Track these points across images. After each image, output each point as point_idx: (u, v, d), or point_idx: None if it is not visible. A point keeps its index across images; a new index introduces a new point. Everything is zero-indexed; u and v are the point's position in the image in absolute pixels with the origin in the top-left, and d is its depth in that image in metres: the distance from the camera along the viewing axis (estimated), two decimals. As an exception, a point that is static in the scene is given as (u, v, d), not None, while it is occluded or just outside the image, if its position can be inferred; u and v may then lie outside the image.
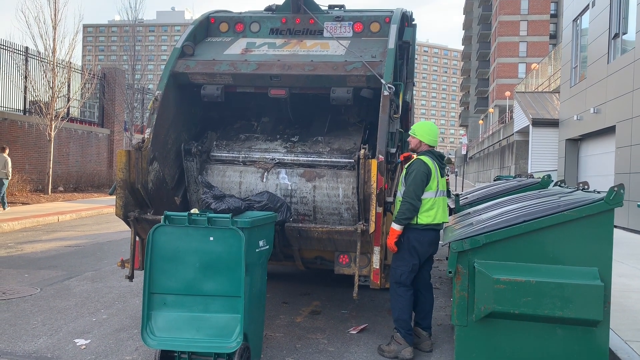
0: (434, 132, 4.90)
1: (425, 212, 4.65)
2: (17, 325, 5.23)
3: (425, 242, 4.70)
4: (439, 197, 4.73)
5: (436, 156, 4.81)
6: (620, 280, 7.15)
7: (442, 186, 4.77)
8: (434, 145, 4.88)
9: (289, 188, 5.59)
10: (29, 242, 10.21)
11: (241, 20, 6.33)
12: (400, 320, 4.66)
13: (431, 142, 4.86)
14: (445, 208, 4.81)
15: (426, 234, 4.69)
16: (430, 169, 4.66)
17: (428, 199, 4.66)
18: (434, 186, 4.68)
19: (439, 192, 4.72)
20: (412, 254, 4.69)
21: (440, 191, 4.73)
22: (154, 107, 5.41)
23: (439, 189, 4.71)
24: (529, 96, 30.55)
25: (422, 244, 4.69)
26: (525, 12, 68.52)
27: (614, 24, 16.32)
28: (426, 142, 4.85)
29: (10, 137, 18.07)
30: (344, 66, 5.39)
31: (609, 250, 3.77)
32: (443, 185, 4.78)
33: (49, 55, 18.63)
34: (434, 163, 4.72)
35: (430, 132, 4.87)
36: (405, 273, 4.70)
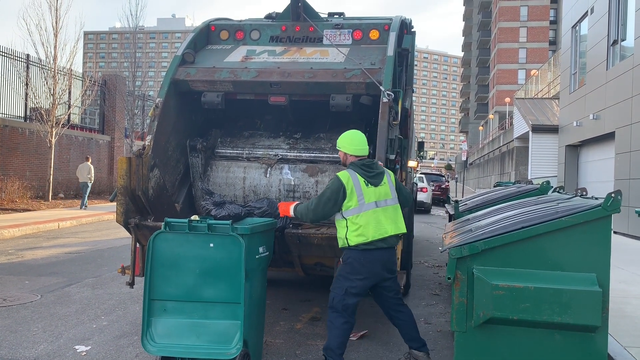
0: (356, 140, 4.42)
1: (354, 231, 4.21)
2: (18, 332, 5.24)
3: (362, 263, 4.23)
4: (368, 212, 4.22)
5: (360, 167, 4.33)
6: (620, 287, 7.16)
7: (374, 197, 4.27)
8: (360, 154, 4.41)
9: (292, 183, 5.71)
10: (29, 249, 10.22)
11: (241, 28, 6.38)
12: (329, 350, 4.22)
13: (355, 151, 4.40)
14: (381, 219, 4.26)
15: (362, 254, 4.23)
16: (344, 185, 4.20)
17: (351, 217, 4.22)
18: (355, 202, 4.20)
19: (365, 205, 4.22)
20: (348, 277, 4.25)
21: (367, 204, 4.23)
22: (155, 114, 5.45)
23: (365, 203, 4.22)
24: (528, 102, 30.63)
25: (363, 265, 4.23)
26: (525, 19, 68.76)
27: (612, 31, 16.39)
28: (350, 152, 4.42)
29: (11, 144, 18.11)
30: (344, 73, 5.44)
31: (607, 256, 3.79)
32: (376, 195, 4.29)
33: (50, 62, 18.70)
34: (353, 177, 4.25)
35: (351, 142, 4.42)
36: (337, 297, 4.25)
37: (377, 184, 4.31)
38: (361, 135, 4.47)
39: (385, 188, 4.36)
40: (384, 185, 4.35)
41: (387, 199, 4.34)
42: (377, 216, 4.25)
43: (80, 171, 18.62)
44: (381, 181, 4.35)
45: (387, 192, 4.36)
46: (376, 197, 4.28)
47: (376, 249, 4.22)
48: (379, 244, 4.23)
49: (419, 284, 7.98)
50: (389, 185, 4.39)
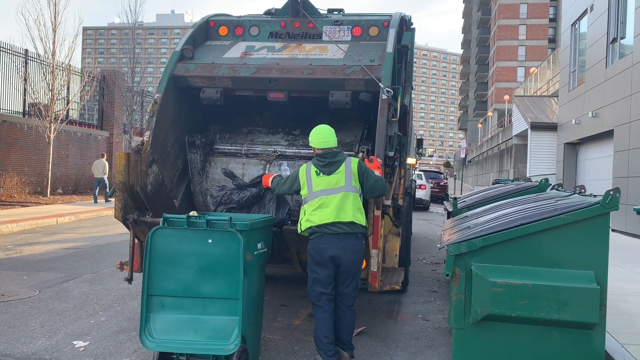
0: (318, 134, 4.56)
1: (304, 217, 4.43)
2: (16, 327, 5.24)
3: (318, 249, 4.32)
4: (315, 199, 4.37)
5: (316, 157, 4.51)
6: (617, 284, 7.18)
7: (322, 185, 4.38)
8: (323, 147, 4.51)
9: None
10: (27, 244, 10.22)
11: (240, 24, 6.36)
12: (316, 340, 4.36)
13: (318, 144, 4.53)
14: (331, 206, 4.34)
15: (316, 240, 4.35)
16: (298, 175, 4.52)
17: (306, 205, 4.44)
18: (305, 191, 4.45)
19: (313, 194, 4.39)
20: (311, 266, 4.40)
21: (315, 193, 4.38)
22: (153, 110, 5.44)
23: (313, 191, 4.39)
24: (527, 100, 30.63)
25: (317, 253, 4.33)
26: (524, 16, 68.70)
27: (612, 29, 16.39)
28: (314, 146, 4.57)
29: (9, 139, 18.09)
30: (343, 70, 5.43)
31: (605, 253, 3.80)
32: (325, 184, 4.39)
33: (49, 57, 18.66)
34: (307, 168, 4.49)
35: (314, 136, 4.57)
36: (309, 288, 4.42)
37: (329, 172, 4.41)
38: (324, 129, 4.57)
39: (338, 177, 4.40)
40: (337, 174, 4.41)
41: (339, 187, 4.38)
42: (323, 203, 4.35)
43: (95, 167, 19.09)
44: (335, 170, 4.42)
45: (340, 180, 4.40)
46: (324, 185, 4.38)
47: (324, 235, 4.30)
48: (325, 230, 4.30)
49: (417, 281, 7.99)
50: (344, 174, 4.41)
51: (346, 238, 4.32)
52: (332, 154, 4.48)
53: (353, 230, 4.33)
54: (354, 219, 4.35)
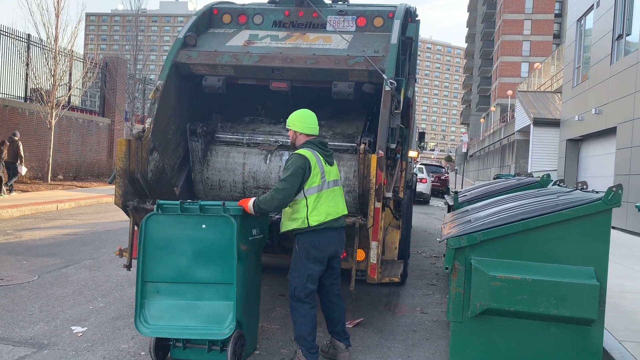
0: (307, 118, 4.35)
1: (313, 210, 4.13)
2: (14, 312, 5.24)
3: (322, 244, 4.16)
4: (327, 190, 4.21)
5: (317, 145, 4.29)
6: (616, 281, 7.18)
7: (332, 176, 4.28)
8: (312, 133, 4.33)
9: None
10: (27, 230, 10.22)
11: (244, 12, 6.32)
12: (300, 338, 4.18)
13: (306, 130, 4.32)
14: (337, 199, 4.30)
15: (321, 235, 4.16)
16: (309, 162, 4.13)
17: (312, 196, 4.14)
18: (318, 180, 4.15)
19: (327, 184, 4.21)
20: (306, 262, 4.16)
21: (327, 183, 4.22)
22: (155, 97, 5.42)
23: (326, 181, 4.21)
24: (531, 95, 30.54)
25: (319, 248, 4.15)
26: (530, 11, 68.33)
27: (618, 25, 16.29)
28: (301, 131, 4.32)
29: (10, 124, 18.05)
30: (346, 60, 5.39)
31: (605, 250, 3.79)
32: (333, 174, 4.31)
33: (51, 43, 18.58)
34: (314, 154, 4.19)
35: (301, 120, 4.33)
36: (299, 286, 4.16)
37: (332, 163, 4.37)
38: (312, 114, 4.41)
39: (336, 169, 4.44)
40: (335, 166, 4.41)
41: (338, 180, 4.39)
42: (335, 195, 4.29)
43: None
44: (334, 161, 4.42)
45: (337, 172, 4.44)
46: (332, 176, 4.30)
47: (331, 229, 4.20)
48: (333, 224, 4.22)
49: (416, 274, 8.00)
50: (337, 167, 4.49)
51: (341, 232, 4.33)
52: (327, 144, 4.47)
53: (345, 223, 4.42)
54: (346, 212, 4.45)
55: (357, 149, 5.51)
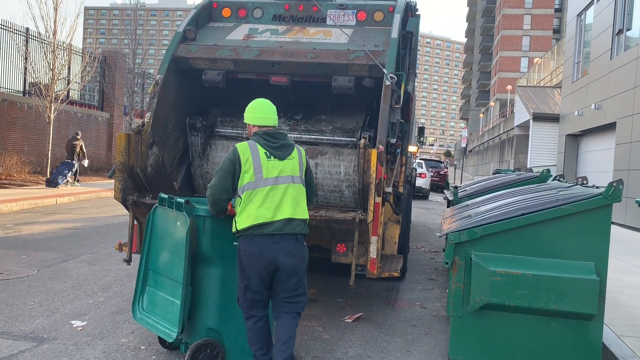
0: (257, 108, 3.79)
1: (242, 212, 3.55)
2: (14, 306, 5.24)
3: (251, 253, 3.52)
4: (264, 189, 3.54)
5: (262, 136, 3.67)
6: (615, 276, 7.18)
7: (276, 172, 3.58)
8: (262, 124, 3.73)
9: None
10: (26, 224, 10.21)
11: (244, 6, 6.29)
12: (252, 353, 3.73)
13: (255, 120, 3.75)
14: (279, 199, 3.57)
15: (250, 242, 3.52)
16: (239, 156, 3.58)
17: (244, 195, 3.56)
18: (249, 177, 3.55)
19: (263, 181, 3.55)
20: (242, 272, 3.62)
21: (265, 180, 3.55)
22: (155, 91, 5.40)
23: (263, 178, 3.56)
24: (530, 90, 30.48)
25: (249, 257, 3.54)
26: (530, 6, 68.17)
27: (618, 20, 16.25)
28: (251, 122, 3.79)
29: (9, 118, 18.01)
30: (347, 55, 5.38)
31: (605, 245, 3.79)
32: (280, 170, 3.60)
33: (50, 37, 18.50)
34: (252, 147, 3.61)
35: (252, 110, 3.80)
36: (240, 296, 3.68)
37: (282, 157, 3.63)
38: (264, 103, 3.84)
39: (293, 163, 3.65)
40: (291, 160, 3.65)
41: (294, 176, 3.64)
42: (276, 195, 3.56)
43: None
44: (289, 155, 3.66)
45: (295, 168, 3.65)
46: (278, 172, 3.58)
47: (262, 235, 3.51)
48: (264, 229, 3.52)
49: (415, 269, 8.00)
50: (298, 161, 3.68)
51: (285, 239, 3.55)
52: (282, 134, 3.74)
53: (293, 230, 3.58)
54: (300, 216, 3.63)
55: (357, 143, 5.50)
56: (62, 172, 16.52)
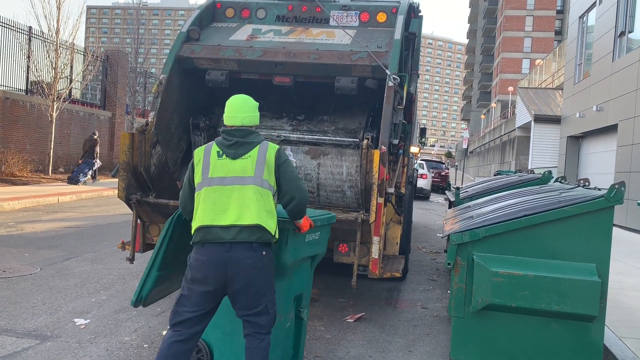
0: (227, 106, 3.44)
1: (195, 216, 3.26)
2: (18, 304, 5.26)
3: (197, 263, 3.17)
4: (208, 189, 3.22)
5: (222, 134, 3.37)
6: (616, 278, 7.20)
7: (223, 172, 3.22)
8: (229, 124, 3.37)
9: (294, 165, 5.67)
10: (29, 222, 10.24)
11: (247, 6, 6.32)
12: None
13: (225, 120, 3.40)
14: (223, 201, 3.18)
15: (200, 251, 3.18)
16: (194, 158, 3.35)
17: (196, 196, 3.28)
18: (199, 177, 3.27)
19: (207, 181, 3.23)
20: (185, 282, 3.24)
21: (210, 179, 3.22)
22: (159, 90, 5.43)
23: (209, 177, 3.23)
24: (532, 92, 30.49)
25: (196, 267, 3.17)
26: (532, 8, 68.18)
27: (620, 22, 16.26)
28: (224, 121, 3.44)
29: (11, 117, 18.04)
30: (350, 55, 5.40)
31: (607, 247, 3.81)
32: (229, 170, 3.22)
33: (53, 35, 18.54)
34: (209, 146, 3.35)
35: (226, 107, 3.46)
36: (173, 306, 3.24)
37: (235, 155, 3.24)
38: (233, 102, 3.45)
39: (246, 163, 3.23)
40: (245, 160, 3.24)
41: (243, 177, 3.20)
42: (217, 197, 3.20)
43: None
44: (244, 154, 3.25)
45: (246, 168, 3.22)
46: (224, 173, 3.22)
47: (210, 243, 3.15)
48: (205, 235, 3.16)
49: (417, 270, 8.02)
50: (255, 161, 3.23)
51: (234, 248, 3.13)
52: (244, 132, 3.33)
53: (248, 237, 3.14)
54: (260, 221, 3.17)
55: (359, 144, 5.52)
56: (83, 170, 17.42)
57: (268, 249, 3.25)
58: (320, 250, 4.15)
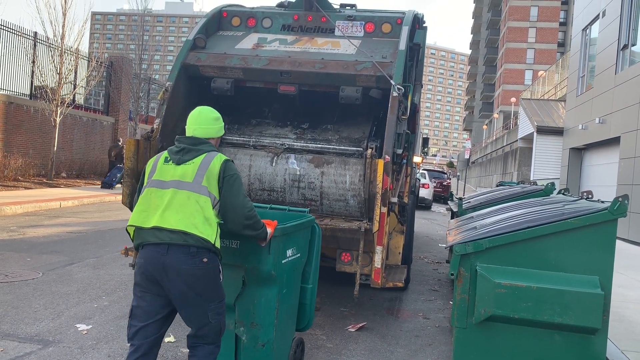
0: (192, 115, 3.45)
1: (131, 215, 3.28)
2: (20, 308, 5.27)
3: (137, 265, 3.16)
4: (146, 189, 3.20)
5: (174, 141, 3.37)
6: (618, 291, 7.18)
7: (166, 175, 3.17)
8: (187, 133, 3.37)
9: (297, 173, 5.69)
10: (31, 227, 10.26)
11: (253, 15, 6.37)
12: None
13: (186, 129, 3.43)
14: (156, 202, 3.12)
15: (140, 253, 3.15)
16: (147, 163, 3.39)
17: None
18: (145, 180, 3.29)
19: (150, 182, 3.21)
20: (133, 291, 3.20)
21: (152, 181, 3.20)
22: (164, 97, 5.46)
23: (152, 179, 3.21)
24: (534, 103, 30.55)
25: (135, 271, 3.17)
26: (535, 19, 68.45)
27: (623, 35, 16.32)
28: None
29: (15, 121, 18.11)
30: (355, 65, 5.43)
31: (610, 259, 3.80)
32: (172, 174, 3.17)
33: (58, 41, 18.65)
34: (162, 154, 3.34)
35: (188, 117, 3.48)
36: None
37: (179, 161, 3.21)
38: (194, 112, 3.47)
39: (187, 169, 3.17)
40: (187, 165, 3.18)
41: (181, 182, 3.13)
42: (152, 198, 3.14)
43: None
44: (189, 160, 3.20)
45: (187, 173, 3.15)
46: (165, 177, 3.17)
47: (155, 244, 3.06)
48: (146, 237, 3.10)
49: (418, 280, 8.01)
50: (196, 168, 3.16)
51: (172, 252, 3.02)
52: (194, 140, 3.29)
53: (185, 241, 3.03)
54: (189, 227, 3.04)
55: (363, 153, 5.54)
56: (115, 175, 18.76)
57: (212, 255, 3.11)
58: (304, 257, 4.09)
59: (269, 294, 3.66)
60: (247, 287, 3.66)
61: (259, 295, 3.66)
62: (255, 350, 3.66)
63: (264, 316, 3.65)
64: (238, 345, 3.70)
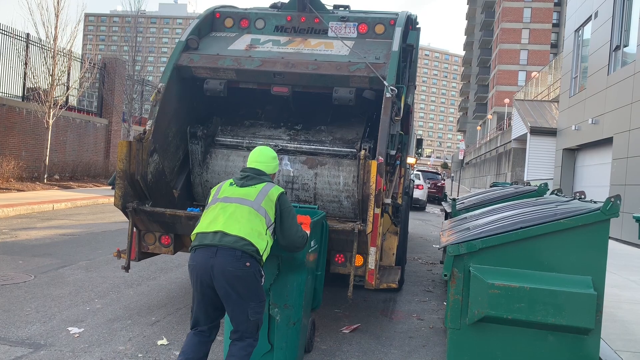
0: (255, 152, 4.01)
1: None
2: (11, 311, 5.22)
3: (189, 267, 3.56)
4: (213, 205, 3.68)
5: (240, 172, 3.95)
6: (612, 291, 7.20)
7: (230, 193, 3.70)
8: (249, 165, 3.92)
9: (291, 175, 5.69)
10: (23, 229, 10.19)
11: (246, 16, 6.35)
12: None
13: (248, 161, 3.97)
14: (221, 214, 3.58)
15: (191, 256, 3.57)
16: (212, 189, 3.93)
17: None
18: (210, 199, 3.81)
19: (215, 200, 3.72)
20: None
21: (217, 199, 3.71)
22: (157, 99, 5.43)
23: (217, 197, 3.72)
24: (528, 104, 30.68)
25: (190, 272, 3.58)
26: (528, 21, 68.74)
27: (615, 36, 16.41)
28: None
29: (7, 123, 18.00)
30: (348, 66, 5.42)
31: (603, 260, 3.81)
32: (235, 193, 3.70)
33: (50, 42, 18.56)
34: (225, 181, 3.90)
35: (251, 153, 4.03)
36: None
37: (243, 185, 3.73)
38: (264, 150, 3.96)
39: (250, 190, 3.68)
40: (252, 188, 3.70)
41: (245, 199, 3.63)
42: (219, 210, 3.61)
43: None
44: (251, 185, 3.72)
45: (250, 194, 3.66)
46: (230, 194, 3.68)
47: (200, 247, 3.49)
48: (201, 240, 3.51)
49: (413, 281, 8.01)
50: (258, 191, 3.67)
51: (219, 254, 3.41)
52: (257, 171, 3.83)
53: (237, 246, 3.42)
54: (246, 234, 3.47)
55: (356, 154, 5.53)
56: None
57: (254, 261, 3.47)
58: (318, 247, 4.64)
59: (300, 279, 4.18)
60: (281, 274, 4.10)
61: (292, 281, 4.13)
62: (288, 328, 4.13)
63: (295, 298, 4.14)
64: (271, 325, 4.12)
